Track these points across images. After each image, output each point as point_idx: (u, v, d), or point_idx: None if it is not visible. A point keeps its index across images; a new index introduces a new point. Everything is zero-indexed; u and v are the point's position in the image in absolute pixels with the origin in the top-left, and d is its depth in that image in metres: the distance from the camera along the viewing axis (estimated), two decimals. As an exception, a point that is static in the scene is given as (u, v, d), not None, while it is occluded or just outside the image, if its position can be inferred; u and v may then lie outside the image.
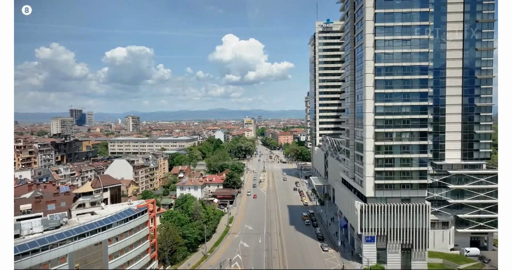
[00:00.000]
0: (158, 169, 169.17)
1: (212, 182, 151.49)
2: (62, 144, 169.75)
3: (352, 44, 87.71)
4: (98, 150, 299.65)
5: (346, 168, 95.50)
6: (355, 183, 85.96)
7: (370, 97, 75.87)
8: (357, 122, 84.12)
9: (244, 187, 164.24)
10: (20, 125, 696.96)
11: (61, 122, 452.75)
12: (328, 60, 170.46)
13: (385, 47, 74.90)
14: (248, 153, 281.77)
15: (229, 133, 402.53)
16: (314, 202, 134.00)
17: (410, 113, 75.15)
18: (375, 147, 76.16)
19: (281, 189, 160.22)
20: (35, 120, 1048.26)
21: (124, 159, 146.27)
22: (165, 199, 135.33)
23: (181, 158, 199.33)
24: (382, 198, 77.49)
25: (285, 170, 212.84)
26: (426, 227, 76.38)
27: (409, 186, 76.34)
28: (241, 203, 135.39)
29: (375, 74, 75.45)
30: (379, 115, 75.68)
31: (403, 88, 75.02)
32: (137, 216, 63.84)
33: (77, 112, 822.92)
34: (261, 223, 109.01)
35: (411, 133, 75.51)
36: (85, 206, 74.02)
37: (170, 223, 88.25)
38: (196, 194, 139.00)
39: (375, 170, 76.37)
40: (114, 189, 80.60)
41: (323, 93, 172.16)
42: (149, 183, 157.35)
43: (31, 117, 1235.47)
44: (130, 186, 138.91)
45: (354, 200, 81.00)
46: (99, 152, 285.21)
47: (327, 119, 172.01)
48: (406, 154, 75.66)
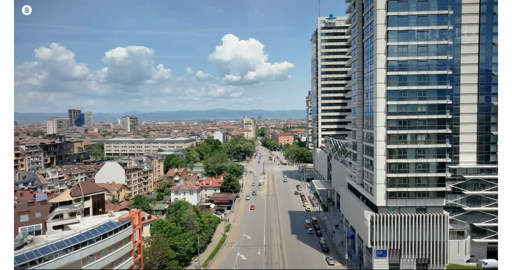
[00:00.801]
0: (153, 172, 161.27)
1: (209, 186, 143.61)
2: (52, 146, 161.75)
3: (360, 37, 79.80)
4: (94, 151, 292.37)
5: (352, 172, 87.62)
6: (363, 190, 78.04)
7: (381, 95, 67.97)
8: (367, 123, 76.23)
9: (243, 191, 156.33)
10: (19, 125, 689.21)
11: (57, 122, 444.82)
12: (331, 57, 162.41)
13: (399, 39, 67.01)
14: (247, 154, 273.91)
15: (228, 134, 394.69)
16: (317, 208, 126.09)
17: (426, 112, 67.33)
18: (387, 151, 68.28)
19: (281, 193, 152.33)
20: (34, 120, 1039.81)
21: (116, 162, 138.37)
22: (159, 204, 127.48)
23: (177, 160, 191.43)
24: (395, 207, 69.60)
25: (285, 172, 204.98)
26: (445, 240, 68.60)
27: (425, 194, 68.49)
28: (239, 209, 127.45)
29: (387, 69, 67.58)
30: (392, 115, 67.81)
31: (419, 84, 67.18)
32: (118, 230, 55.91)
33: (76, 112, 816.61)
34: (260, 231, 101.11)
35: (427, 135, 67.69)
36: (63, 217, 66.18)
37: (161, 233, 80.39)
38: (192, 199, 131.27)
39: (387, 177, 68.48)
40: (97, 197, 72.65)
41: (325, 92, 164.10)
42: (142, 187, 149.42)
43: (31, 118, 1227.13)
44: (121, 191, 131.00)
45: (363, 209, 73.10)
46: (94, 153, 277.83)
47: (330, 119, 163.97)
48: (422, 159, 67.81)
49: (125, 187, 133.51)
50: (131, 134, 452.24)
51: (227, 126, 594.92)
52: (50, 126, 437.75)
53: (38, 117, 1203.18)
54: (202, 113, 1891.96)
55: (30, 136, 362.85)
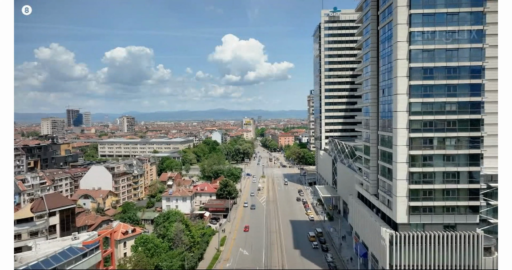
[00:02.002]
0: (144, 176, 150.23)
1: (203, 191, 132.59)
2: (37, 148, 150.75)
3: (374, 24, 68.86)
4: (87, 153, 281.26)
5: (364, 181, 76.66)
6: (379, 203, 67.07)
7: (402, 91, 57.03)
8: (383, 125, 65.23)
9: (241, 196, 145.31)
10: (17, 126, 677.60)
11: (52, 122, 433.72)
12: (336, 53, 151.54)
13: (424, 24, 56.07)
14: (246, 156, 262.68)
15: (227, 134, 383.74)
16: (321, 217, 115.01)
17: (457, 112, 56.38)
18: (409, 158, 57.34)
19: (282, 199, 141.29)
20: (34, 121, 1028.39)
21: (103, 166, 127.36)
22: (148, 212, 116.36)
23: (171, 163, 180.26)
24: (419, 224, 58.65)
25: (286, 176, 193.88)
26: (478, 263, 57.55)
27: (454, 209, 57.51)
28: (236, 218, 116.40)
29: (409, 60, 56.64)
30: (416, 115, 56.89)
31: (448, 78, 56.23)
32: (81, 258, 44.97)
33: (74, 112, 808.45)
34: (259, 245, 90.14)
35: (457, 139, 56.72)
36: (21, 238, 55.21)
37: (144, 252, 69.55)
38: (185, 207, 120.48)
39: (410, 188, 57.51)
40: (65, 212, 61.63)
41: (329, 90, 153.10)
42: (132, 192, 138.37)
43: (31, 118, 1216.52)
44: (108, 198, 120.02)
45: (379, 226, 62.14)
46: (87, 155, 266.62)
47: (334, 120, 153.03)
48: (451, 167, 56.82)
49: (112, 194, 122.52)
50: (127, 134, 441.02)
51: (227, 127, 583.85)
52: (45, 126, 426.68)
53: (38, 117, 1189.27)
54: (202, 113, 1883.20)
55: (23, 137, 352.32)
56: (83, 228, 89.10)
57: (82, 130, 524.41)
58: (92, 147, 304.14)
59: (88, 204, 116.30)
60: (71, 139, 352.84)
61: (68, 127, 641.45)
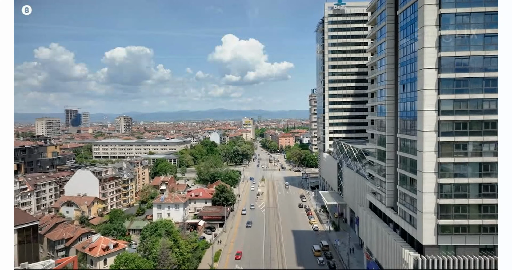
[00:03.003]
0: (136, 180, 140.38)
1: (198, 198, 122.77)
2: (20, 150, 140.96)
3: (392, 9, 59.07)
4: (81, 154, 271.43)
5: (377, 190, 66.86)
6: (397, 218, 57.27)
7: (430, 86, 47.19)
8: (403, 126, 55.37)
9: (239, 202, 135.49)
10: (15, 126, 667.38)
11: (47, 123, 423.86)
12: (341, 49, 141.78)
13: (457, 3, 46.24)
14: (245, 157, 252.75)
15: (225, 135, 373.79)
16: (326, 226, 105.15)
17: (496, 111, 46.51)
18: (438, 166, 47.49)
19: (283, 205, 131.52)
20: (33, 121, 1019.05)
21: (89, 170, 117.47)
22: (137, 222, 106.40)
23: (165, 166, 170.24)
24: (449, 247, 48.79)
25: (287, 179, 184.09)
26: (521, 295, 47.58)
27: (494, 229, 47.62)
28: (233, 227, 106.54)
29: (439, 49, 46.80)
30: (446, 115, 47.08)
31: (486, 71, 46.42)
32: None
33: (73, 112, 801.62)
34: (258, 261, 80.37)
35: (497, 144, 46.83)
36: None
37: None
38: (177, 215, 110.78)
39: (439, 204, 47.66)
40: (25, 232, 51.67)
41: (333, 88, 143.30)
42: (121, 198, 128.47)
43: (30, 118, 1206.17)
44: (93, 205, 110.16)
45: (399, 246, 52.32)
46: (81, 157, 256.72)
47: (338, 120, 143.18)
48: (490, 178, 46.99)
49: (98, 200, 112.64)
50: (124, 135, 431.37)
51: (226, 127, 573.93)
52: (39, 126, 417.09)
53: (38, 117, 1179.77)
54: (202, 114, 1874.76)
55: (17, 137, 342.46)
56: (60, 242, 79.42)
57: (78, 130, 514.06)
58: (86, 148, 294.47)
59: (71, 212, 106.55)
60: (65, 140, 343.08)
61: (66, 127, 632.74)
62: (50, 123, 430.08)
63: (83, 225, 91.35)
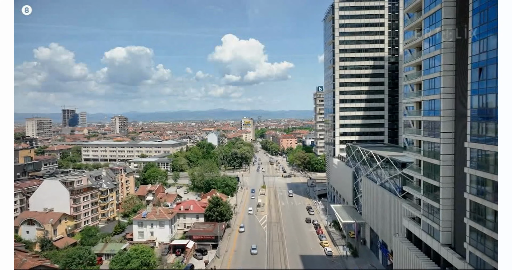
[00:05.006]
0: (118, 190, 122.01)
1: (188, 212, 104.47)
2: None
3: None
4: (68, 157, 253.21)
5: (423, 217, 48.53)
6: (464, 264, 38.86)
7: (539, 67, 28.95)
8: (476, 131, 36.93)
9: (236, 216, 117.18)
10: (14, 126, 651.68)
11: (38, 123, 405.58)
12: (353, 39, 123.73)
13: None
14: (244, 161, 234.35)
15: (224, 136, 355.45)
16: (341, 249, 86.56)
17: None
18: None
19: (288, 220, 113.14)
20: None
21: (57, 180, 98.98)
22: (112, 244, 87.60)
23: (154, 172, 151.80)
24: None
25: (290, 186, 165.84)
26: None
27: None
28: (228, 251, 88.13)
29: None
30: None
31: None
32: None
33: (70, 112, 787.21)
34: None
35: None
36: None
37: None
38: (162, 234, 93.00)
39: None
40: None
41: (344, 84, 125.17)
42: (99, 212, 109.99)
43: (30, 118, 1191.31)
44: (61, 223, 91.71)
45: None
46: (66, 160, 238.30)
47: (351, 121, 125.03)
48: None
49: (67, 217, 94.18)
50: (119, 136, 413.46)
51: (225, 127, 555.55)
52: (30, 127, 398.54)
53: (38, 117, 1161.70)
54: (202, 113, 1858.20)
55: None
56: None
57: (72, 131, 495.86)
58: (75, 151, 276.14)
59: (32, 232, 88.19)
60: (54, 141, 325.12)
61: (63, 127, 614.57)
62: (41, 123, 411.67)
63: (38, 253, 72.54)
